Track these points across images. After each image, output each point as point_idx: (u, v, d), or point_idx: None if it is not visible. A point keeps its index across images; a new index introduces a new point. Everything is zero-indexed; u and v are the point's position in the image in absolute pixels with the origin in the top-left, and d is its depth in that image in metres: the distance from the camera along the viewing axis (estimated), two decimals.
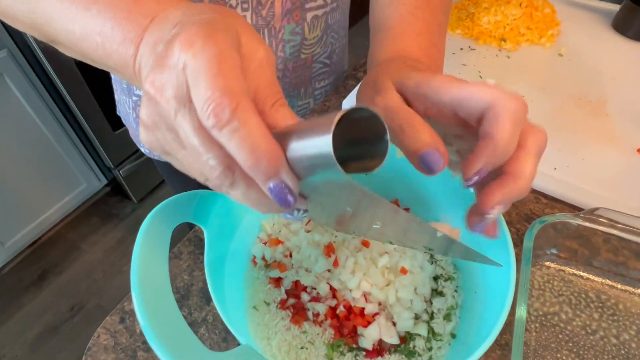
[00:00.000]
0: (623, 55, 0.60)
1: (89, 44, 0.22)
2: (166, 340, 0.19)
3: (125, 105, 0.57)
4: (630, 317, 0.35)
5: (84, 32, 0.22)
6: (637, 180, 0.44)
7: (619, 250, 0.40)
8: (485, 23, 0.62)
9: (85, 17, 0.22)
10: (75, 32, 0.23)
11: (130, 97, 0.54)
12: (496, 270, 0.28)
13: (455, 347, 0.30)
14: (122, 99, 0.58)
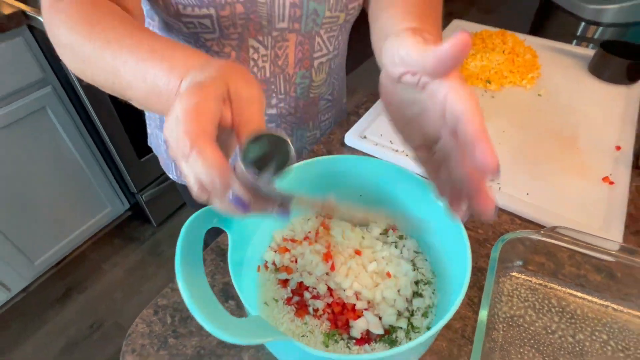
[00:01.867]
0: (596, 96, 0.67)
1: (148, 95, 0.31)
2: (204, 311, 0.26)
3: (158, 138, 0.66)
4: (586, 321, 0.41)
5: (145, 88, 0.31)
6: (601, 205, 0.50)
7: (581, 264, 0.46)
8: (473, 67, 0.71)
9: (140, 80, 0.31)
10: (140, 90, 0.31)
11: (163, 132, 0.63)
12: (465, 275, 0.34)
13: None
14: (155, 133, 0.67)
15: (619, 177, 0.53)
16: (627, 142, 0.58)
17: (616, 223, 0.48)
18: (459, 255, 0.34)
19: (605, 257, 0.44)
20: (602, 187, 0.52)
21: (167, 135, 0.25)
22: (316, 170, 0.42)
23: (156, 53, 0.31)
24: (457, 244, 0.35)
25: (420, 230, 0.43)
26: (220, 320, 0.26)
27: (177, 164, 0.26)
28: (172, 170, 0.69)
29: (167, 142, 0.25)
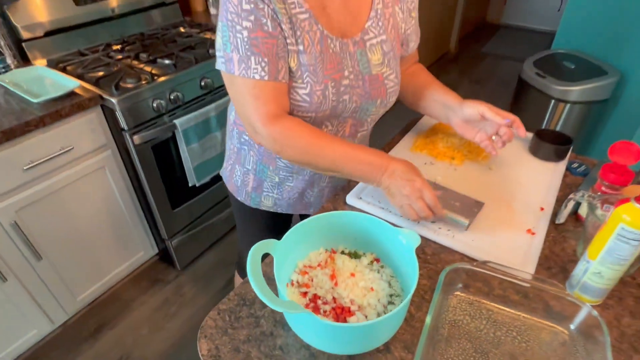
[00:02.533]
0: (531, 170, 0.91)
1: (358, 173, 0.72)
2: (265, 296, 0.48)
3: (234, 170, 0.95)
4: (504, 324, 0.61)
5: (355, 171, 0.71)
6: (523, 248, 0.72)
7: (506, 288, 0.67)
8: (441, 147, 0.96)
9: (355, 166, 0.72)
10: (352, 175, 0.73)
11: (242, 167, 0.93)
12: (410, 291, 0.55)
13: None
14: (234, 166, 0.94)
15: (539, 229, 0.76)
16: (549, 204, 0.81)
17: (532, 261, 0.70)
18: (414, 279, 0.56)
19: (523, 284, 0.65)
20: (526, 236, 0.74)
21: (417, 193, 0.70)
22: (326, 221, 0.65)
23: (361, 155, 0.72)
24: (414, 272, 0.57)
25: (393, 262, 0.65)
26: (273, 301, 0.48)
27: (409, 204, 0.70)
28: (242, 195, 0.97)
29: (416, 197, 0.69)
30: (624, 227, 0.54)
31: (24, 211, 1.25)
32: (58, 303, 1.47)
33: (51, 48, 1.56)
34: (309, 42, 0.69)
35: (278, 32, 0.67)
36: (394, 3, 0.78)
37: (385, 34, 0.77)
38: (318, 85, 0.71)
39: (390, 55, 0.78)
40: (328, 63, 0.71)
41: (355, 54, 0.74)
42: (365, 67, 0.75)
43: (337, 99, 0.74)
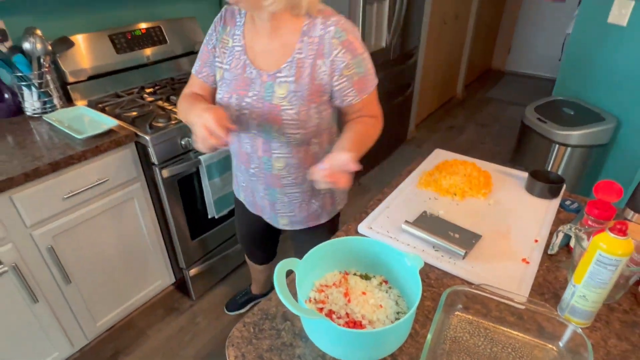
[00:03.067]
0: (527, 206, 1.00)
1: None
2: (289, 303, 0.57)
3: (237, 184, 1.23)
4: (500, 342, 0.68)
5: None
6: (519, 275, 0.80)
7: (502, 310, 0.74)
8: (444, 184, 1.05)
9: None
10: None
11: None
12: (414, 307, 0.63)
13: None
14: (236, 182, 1.23)
15: (533, 259, 0.83)
16: (543, 237, 0.89)
17: (526, 287, 0.77)
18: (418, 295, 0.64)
19: (518, 306, 0.72)
20: (521, 265, 0.82)
21: (200, 118, 0.83)
22: (340, 245, 0.74)
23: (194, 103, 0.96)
24: (418, 289, 0.65)
25: (400, 283, 0.73)
26: (296, 307, 0.57)
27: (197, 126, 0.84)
28: (239, 194, 1.23)
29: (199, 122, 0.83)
30: (601, 254, 0.63)
31: (59, 237, 1.36)
32: (80, 327, 1.54)
33: (92, 90, 1.74)
34: (234, 65, 0.96)
35: (213, 51, 1.01)
36: (317, 57, 0.89)
37: (295, 77, 0.91)
38: (227, 94, 0.98)
39: (297, 95, 0.91)
40: (241, 82, 0.95)
41: (265, 84, 0.93)
42: (268, 95, 0.93)
43: (239, 110, 0.97)
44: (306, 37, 0.89)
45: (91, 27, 1.75)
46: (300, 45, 0.89)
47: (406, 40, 2.80)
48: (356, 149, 0.84)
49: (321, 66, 0.89)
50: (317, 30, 0.88)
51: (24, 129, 1.45)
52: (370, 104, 0.98)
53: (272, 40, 0.91)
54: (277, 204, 1.12)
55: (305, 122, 0.94)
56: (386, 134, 2.98)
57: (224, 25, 0.98)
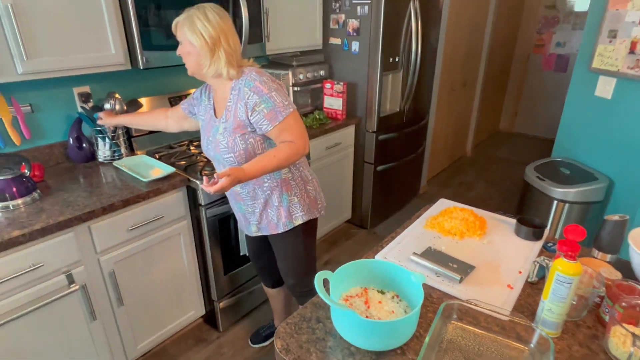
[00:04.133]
0: (516, 246, 1.21)
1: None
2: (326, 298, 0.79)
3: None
4: (487, 344, 0.87)
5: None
6: (504, 297, 1.00)
7: (489, 321, 0.93)
8: (447, 227, 1.28)
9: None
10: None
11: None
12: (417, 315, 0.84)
13: None
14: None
15: (517, 285, 1.04)
16: (526, 270, 1.10)
17: (509, 305, 0.97)
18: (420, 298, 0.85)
19: (502, 317, 0.92)
20: (506, 290, 1.02)
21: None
22: (363, 265, 0.97)
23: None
24: (420, 295, 0.86)
25: (409, 297, 0.94)
26: (329, 300, 0.79)
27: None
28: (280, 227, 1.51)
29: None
30: (558, 274, 0.84)
31: (120, 263, 1.60)
32: (123, 347, 1.73)
33: (151, 142, 2.07)
34: (204, 117, 1.44)
35: (193, 104, 1.55)
36: (238, 102, 1.30)
37: (226, 119, 1.33)
38: (202, 137, 1.46)
39: (226, 130, 1.33)
40: (206, 126, 1.42)
41: (215, 126, 1.38)
42: (214, 134, 1.37)
43: (206, 148, 1.43)
44: (234, 91, 1.31)
45: (155, 92, 2.13)
46: (231, 97, 1.32)
47: (418, 104, 3.14)
48: (255, 166, 1.24)
49: (240, 107, 1.29)
50: (240, 84, 1.30)
51: (97, 172, 1.76)
52: (286, 130, 1.29)
53: (219, 96, 1.38)
54: (246, 214, 1.51)
55: (232, 147, 1.33)
56: (400, 188, 3.26)
57: (206, 92, 1.47)
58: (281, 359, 0.85)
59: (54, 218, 1.37)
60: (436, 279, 1.07)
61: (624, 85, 2.18)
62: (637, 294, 0.90)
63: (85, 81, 1.86)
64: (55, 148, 1.84)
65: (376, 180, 2.91)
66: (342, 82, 2.64)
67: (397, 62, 2.75)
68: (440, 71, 3.45)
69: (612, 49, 2.18)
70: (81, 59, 1.55)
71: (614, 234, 1.05)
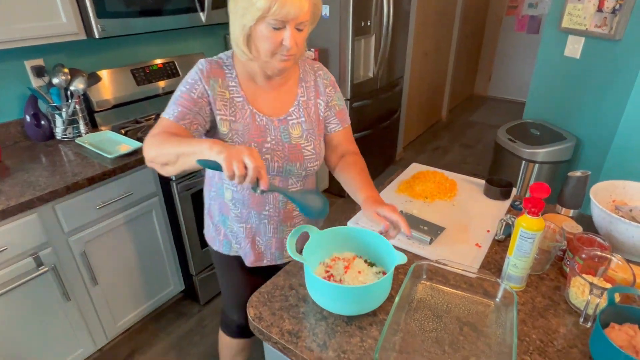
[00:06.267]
0: (484, 206, 1.24)
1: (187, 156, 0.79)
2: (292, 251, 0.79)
3: (211, 230, 1.19)
4: (455, 301, 0.90)
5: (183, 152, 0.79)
6: (472, 255, 1.02)
7: (458, 279, 0.96)
8: (418, 190, 1.29)
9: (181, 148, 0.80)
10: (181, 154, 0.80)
11: (212, 220, 1.18)
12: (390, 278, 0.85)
13: None
14: (213, 226, 1.17)
15: (484, 244, 1.06)
16: (493, 228, 1.13)
17: (477, 263, 1.00)
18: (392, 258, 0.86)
19: (470, 275, 0.95)
20: (474, 248, 1.05)
21: (238, 152, 0.73)
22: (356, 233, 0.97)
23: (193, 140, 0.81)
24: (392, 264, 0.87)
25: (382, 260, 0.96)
26: (295, 255, 0.79)
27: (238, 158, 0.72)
28: (216, 243, 1.18)
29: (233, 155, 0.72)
30: (522, 230, 0.86)
31: (91, 243, 1.56)
32: (102, 326, 1.72)
33: (114, 117, 1.98)
34: (240, 116, 0.98)
35: (201, 101, 0.94)
36: (316, 97, 1.06)
37: (304, 117, 1.04)
38: (244, 143, 0.98)
39: (309, 132, 1.04)
40: (254, 130, 0.99)
41: (279, 128, 1.01)
42: (286, 137, 1.02)
43: (263, 158, 0.99)
44: (303, 83, 1.06)
45: (115, 63, 2.02)
46: (301, 90, 1.05)
47: (392, 70, 3.11)
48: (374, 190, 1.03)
49: (321, 103, 1.07)
50: (310, 76, 1.07)
51: (59, 151, 1.68)
52: (351, 136, 1.16)
53: (274, 89, 1.02)
54: (284, 238, 1.15)
55: (319, 153, 1.07)
56: (376, 155, 3.27)
57: (214, 77, 0.96)
58: (254, 327, 0.86)
59: (15, 199, 1.31)
60: (407, 241, 1.08)
61: (592, 44, 2.20)
62: (597, 245, 0.94)
63: (38, 53, 1.74)
64: (12, 126, 1.74)
65: None
66: (314, 49, 2.57)
67: (369, 25, 2.68)
68: (413, 35, 3.40)
69: (581, 7, 2.18)
70: (28, 29, 1.44)
71: (577, 190, 1.08)
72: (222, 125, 0.97)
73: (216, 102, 0.96)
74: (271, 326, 0.84)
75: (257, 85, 1.01)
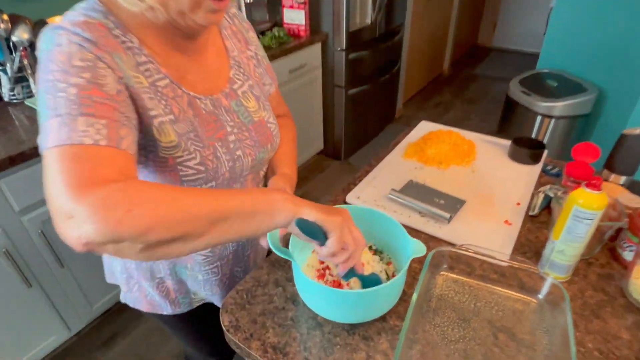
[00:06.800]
0: (510, 172, 1.03)
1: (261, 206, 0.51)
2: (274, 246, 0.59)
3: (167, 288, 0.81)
4: (484, 297, 0.71)
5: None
6: (501, 236, 0.83)
7: (485, 268, 0.77)
8: (430, 153, 1.07)
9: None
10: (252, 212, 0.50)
11: (152, 281, 0.79)
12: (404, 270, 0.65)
13: None
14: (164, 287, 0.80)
15: (515, 220, 0.86)
16: (525, 200, 0.92)
17: (508, 246, 0.80)
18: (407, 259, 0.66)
19: (501, 263, 0.75)
20: (503, 226, 0.85)
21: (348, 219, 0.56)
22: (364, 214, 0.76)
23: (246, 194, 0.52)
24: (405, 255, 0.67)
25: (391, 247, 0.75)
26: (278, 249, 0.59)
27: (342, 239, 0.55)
28: (168, 307, 0.83)
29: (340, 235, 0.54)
30: (578, 209, 0.65)
31: (50, 222, 1.35)
32: (75, 311, 1.55)
33: None
34: (179, 109, 0.62)
35: (119, 97, 0.52)
36: (245, 48, 0.77)
37: (251, 79, 0.76)
38: (207, 149, 0.64)
39: (261, 98, 0.77)
40: (205, 124, 0.65)
41: (231, 107, 0.70)
42: (245, 116, 0.72)
43: (232, 157, 0.69)
44: (224, 31, 0.74)
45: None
46: (229, 44, 0.74)
47: (391, 17, 2.78)
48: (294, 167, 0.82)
49: (252, 56, 0.78)
50: (225, 21, 0.75)
51: (5, 114, 1.43)
52: (281, 97, 0.90)
53: (198, 53, 0.67)
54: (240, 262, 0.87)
55: (277, 122, 0.81)
56: (374, 113, 3.01)
57: (115, 52, 0.55)
58: (229, 339, 0.67)
59: None
60: (420, 220, 0.88)
61: None
62: None
63: None
64: None
65: (348, 105, 2.65)
66: None
67: None
68: None
69: None
70: None
71: (634, 152, 0.86)
72: (164, 134, 0.59)
73: (140, 96, 0.57)
74: (251, 339, 0.65)
75: (172, 51, 0.63)
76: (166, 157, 0.61)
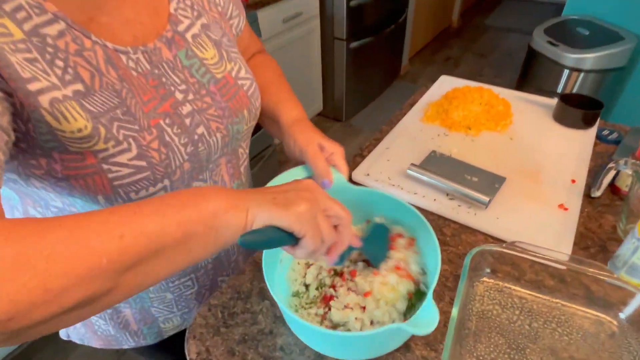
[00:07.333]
0: (557, 138, 0.82)
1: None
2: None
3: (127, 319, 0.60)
4: (540, 314, 0.53)
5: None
6: (556, 226, 0.63)
7: (539, 272, 0.58)
8: (456, 116, 0.86)
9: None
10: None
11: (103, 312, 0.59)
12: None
13: None
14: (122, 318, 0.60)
15: (572, 204, 0.67)
16: (581, 176, 0.72)
17: (567, 240, 0.61)
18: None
19: (558, 266, 0.56)
20: (558, 212, 0.65)
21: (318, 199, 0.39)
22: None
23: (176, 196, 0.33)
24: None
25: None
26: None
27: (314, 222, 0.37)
28: (130, 340, 0.63)
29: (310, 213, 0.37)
30: None
31: None
32: None
33: None
34: (90, 73, 0.40)
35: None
36: None
37: (205, 14, 0.52)
38: (146, 133, 0.42)
39: (224, 43, 0.54)
40: (140, 93, 0.43)
41: (177, 60, 0.47)
42: (202, 73, 0.50)
43: (190, 139, 0.47)
44: None
45: None
46: None
47: None
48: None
49: None
50: None
51: None
52: (251, 31, 0.68)
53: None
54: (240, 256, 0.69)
55: (253, 76, 0.58)
56: (378, 69, 2.73)
57: None
58: None
59: None
60: (448, 204, 0.68)
61: None
62: None
63: None
64: None
65: (350, 60, 2.37)
66: None
67: None
68: None
69: None
70: None
71: None
72: (65, 117, 0.37)
73: (6, 57, 0.34)
74: None
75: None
76: (80, 151, 0.39)
